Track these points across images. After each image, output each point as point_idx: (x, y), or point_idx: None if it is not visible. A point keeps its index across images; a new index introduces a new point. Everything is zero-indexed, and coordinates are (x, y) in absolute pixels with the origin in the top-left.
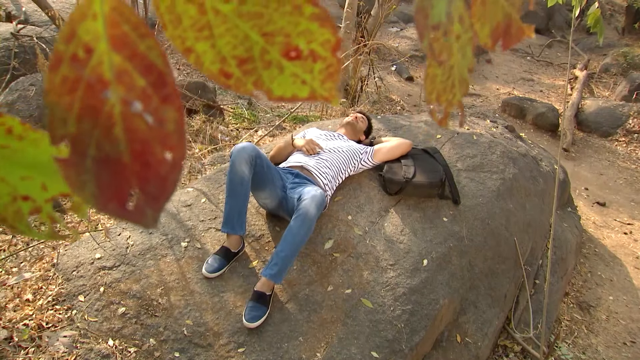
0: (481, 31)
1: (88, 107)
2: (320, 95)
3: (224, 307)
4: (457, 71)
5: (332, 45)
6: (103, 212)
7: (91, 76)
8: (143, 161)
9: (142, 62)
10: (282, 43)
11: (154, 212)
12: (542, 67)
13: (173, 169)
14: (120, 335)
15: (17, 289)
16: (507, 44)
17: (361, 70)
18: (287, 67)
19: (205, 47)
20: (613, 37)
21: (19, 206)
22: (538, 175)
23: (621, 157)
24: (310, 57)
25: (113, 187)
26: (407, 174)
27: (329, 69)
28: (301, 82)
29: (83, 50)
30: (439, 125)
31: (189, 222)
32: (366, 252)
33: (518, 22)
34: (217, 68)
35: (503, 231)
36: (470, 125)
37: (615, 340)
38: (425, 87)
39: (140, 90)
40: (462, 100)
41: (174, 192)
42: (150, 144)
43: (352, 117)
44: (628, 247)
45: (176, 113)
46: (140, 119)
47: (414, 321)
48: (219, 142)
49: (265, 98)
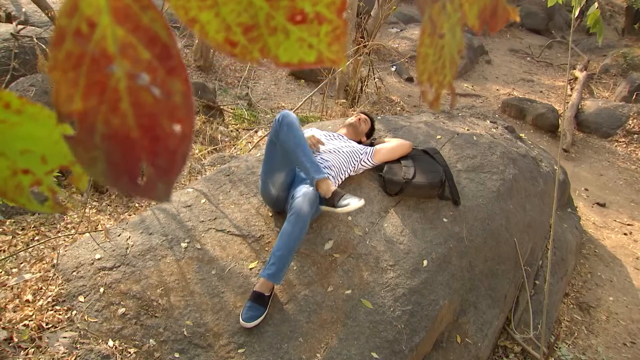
0: (470, 12)
1: (94, 82)
2: (327, 58)
3: (224, 308)
4: (447, 51)
5: (338, 6)
6: (115, 188)
7: (95, 51)
8: (152, 135)
9: (146, 35)
10: (287, 7)
11: (166, 186)
12: (542, 67)
13: (182, 141)
14: (120, 336)
15: (17, 289)
16: (494, 25)
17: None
18: (293, 31)
19: (209, 17)
20: (613, 38)
21: (19, 180)
22: (538, 176)
23: (621, 158)
24: (316, 20)
25: (123, 163)
26: (407, 174)
27: (335, 31)
28: (308, 46)
29: (86, 25)
30: (430, 107)
31: (189, 223)
32: (366, 252)
33: (504, 4)
34: (222, 37)
35: (503, 232)
36: (470, 126)
37: (615, 341)
38: (417, 68)
39: (146, 63)
40: (453, 81)
41: (184, 165)
42: (158, 117)
43: (355, 119)
44: (628, 248)
45: (183, 85)
46: (147, 92)
47: (414, 322)
48: (218, 142)
49: (270, 67)
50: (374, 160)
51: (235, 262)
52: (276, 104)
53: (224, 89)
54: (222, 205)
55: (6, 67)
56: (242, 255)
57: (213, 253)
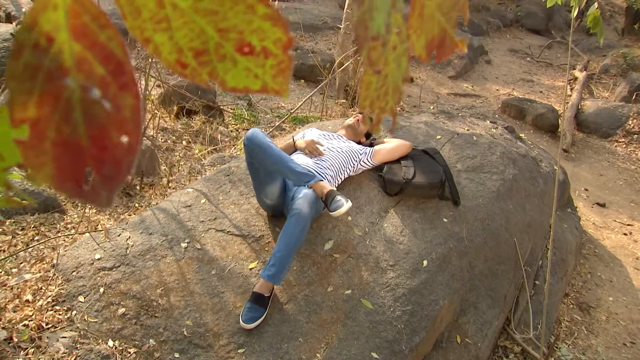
0: (417, 42)
1: (48, 92)
2: (271, 89)
3: (223, 308)
4: (391, 80)
5: (284, 43)
6: (59, 192)
7: (52, 64)
8: (100, 145)
9: (102, 52)
10: (236, 39)
11: (108, 193)
12: (541, 68)
13: (129, 152)
14: (120, 336)
15: (17, 289)
16: (440, 55)
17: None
18: (240, 61)
19: (163, 39)
20: (613, 38)
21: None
22: (538, 176)
23: (621, 158)
24: (262, 54)
25: (70, 168)
26: (407, 174)
27: (280, 65)
28: (254, 76)
29: (44, 39)
30: (370, 130)
31: (189, 223)
32: (366, 252)
33: (452, 36)
34: (174, 58)
35: (503, 232)
36: (470, 126)
37: (615, 341)
38: (359, 94)
39: (99, 78)
40: (395, 108)
41: (129, 175)
42: (107, 128)
43: (354, 120)
44: (628, 248)
45: (133, 100)
46: (98, 105)
47: (414, 322)
48: (218, 143)
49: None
50: (373, 161)
51: (235, 262)
52: (276, 104)
53: None
54: (222, 205)
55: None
56: (242, 255)
57: (213, 253)
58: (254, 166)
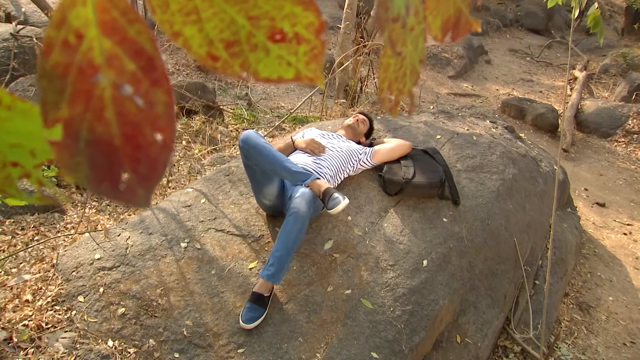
0: (433, 23)
1: (80, 91)
2: (305, 76)
3: (223, 308)
4: (409, 61)
5: (316, 27)
6: (96, 193)
7: (82, 61)
8: (134, 143)
9: (132, 47)
10: (268, 26)
11: (146, 192)
12: (541, 67)
13: (163, 150)
14: (120, 336)
15: (16, 289)
16: (455, 36)
17: (361, 70)
18: (272, 49)
19: (192, 31)
20: (612, 38)
21: (8, 172)
22: (538, 176)
23: (621, 158)
24: (294, 40)
25: (105, 169)
26: (407, 174)
27: (313, 50)
28: (286, 64)
29: (74, 36)
30: (389, 112)
31: (189, 223)
32: (366, 252)
33: (467, 16)
34: (204, 51)
35: (503, 232)
36: (470, 125)
37: (615, 340)
38: (378, 76)
39: (131, 74)
40: (413, 89)
41: (164, 173)
42: (140, 126)
43: (353, 120)
44: (628, 248)
45: (166, 95)
46: (130, 101)
47: (414, 322)
48: (218, 142)
49: (258, 85)
50: (373, 161)
51: (235, 262)
52: (276, 104)
53: (224, 88)
54: (221, 205)
55: (6, 67)
56: (242, 255)
57: (213, 253)
58: (251, 167)
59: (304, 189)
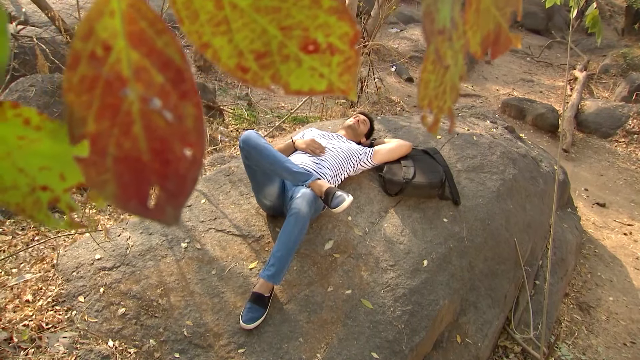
0: (473, 39)
1: (107, 105)
2: (338, 88)
3: (224, 308)
4: (449, 78)
5: (350, 38)
6: (124, 211)
7: (110, 74)
8: (163, 159)
9: (160, 59)
10: (300, 37)
11: (174, 210)
12: (541, 68)
13: (193, 165)
14: (120, 336)
15: (17, 289)
16: (495, 52)
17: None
18: (305, 60)
19: (222, 42)
20: (612, 38)
21: (37, 196)
22: (538, 176)
23: (621, 158)
24: (328, 50)
25: (133, 186)
26: (407, 174)
27: (347, 61)
28: (319, 76)
29: (101, 48)
30: (428, 131)
31: (189, 223)
32: (366, 252)
33: (507, 32)
34: (234, 62)
35: (503, 232)
36: (470, 126)
37: (615, 341)
38: (418, 93)
39: (159, 87)
40: (452, 107)
41: (194, 189)
42: (169, 141)
43: (354, 121)
44: (628, 248)
45: (195, 109)
46: (159, 116)
47: (414, 322)
48: (218, 143)
49: (276, 95)
50: (373, 161)
51: (235, 262)
52: (276, 104)
53: (224, 89)
54: (222, 205)
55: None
56: (242, 255)
57: (213, 253)
58: (251, 168)
59: (305, 189)
